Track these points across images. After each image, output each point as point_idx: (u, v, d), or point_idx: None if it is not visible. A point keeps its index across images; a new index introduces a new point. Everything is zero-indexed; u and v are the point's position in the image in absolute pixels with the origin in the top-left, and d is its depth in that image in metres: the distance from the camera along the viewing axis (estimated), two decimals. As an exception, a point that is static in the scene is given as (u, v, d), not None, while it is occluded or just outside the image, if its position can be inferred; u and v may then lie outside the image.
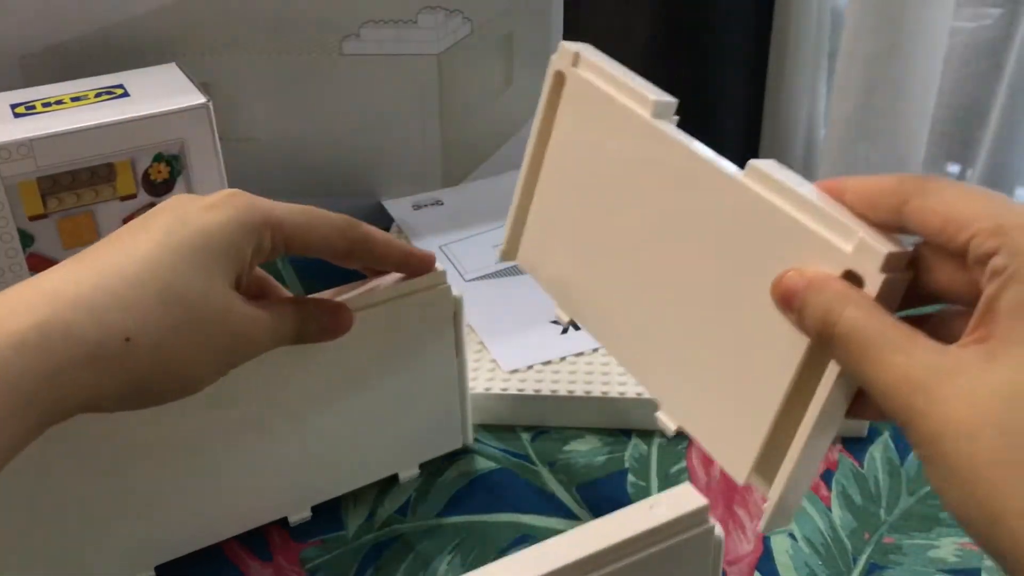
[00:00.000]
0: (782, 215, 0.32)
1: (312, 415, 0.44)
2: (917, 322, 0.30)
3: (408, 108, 0.69)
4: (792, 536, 0.45)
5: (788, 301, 0.32)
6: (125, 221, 0.53)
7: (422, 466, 0.49)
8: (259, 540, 0.46)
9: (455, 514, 0.47)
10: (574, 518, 0.47)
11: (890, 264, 0.29)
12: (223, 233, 0.35)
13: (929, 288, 0.31)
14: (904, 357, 0.28)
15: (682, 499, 0.33)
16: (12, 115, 0.50)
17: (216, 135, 0.53)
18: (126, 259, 0.33)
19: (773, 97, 1.39)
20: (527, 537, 0.46)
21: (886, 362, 0.28)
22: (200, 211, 0.35)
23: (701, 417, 0.37)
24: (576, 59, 0.42)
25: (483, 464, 0.50)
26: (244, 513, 0.45)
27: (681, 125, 0.39)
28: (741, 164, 0.35)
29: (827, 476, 0.49)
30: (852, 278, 0.30)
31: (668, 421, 0.38)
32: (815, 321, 0.31)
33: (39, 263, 0.51)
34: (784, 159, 1.44)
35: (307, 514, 0.47)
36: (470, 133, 0.72)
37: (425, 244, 0.67)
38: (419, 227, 0.68)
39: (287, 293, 0.41)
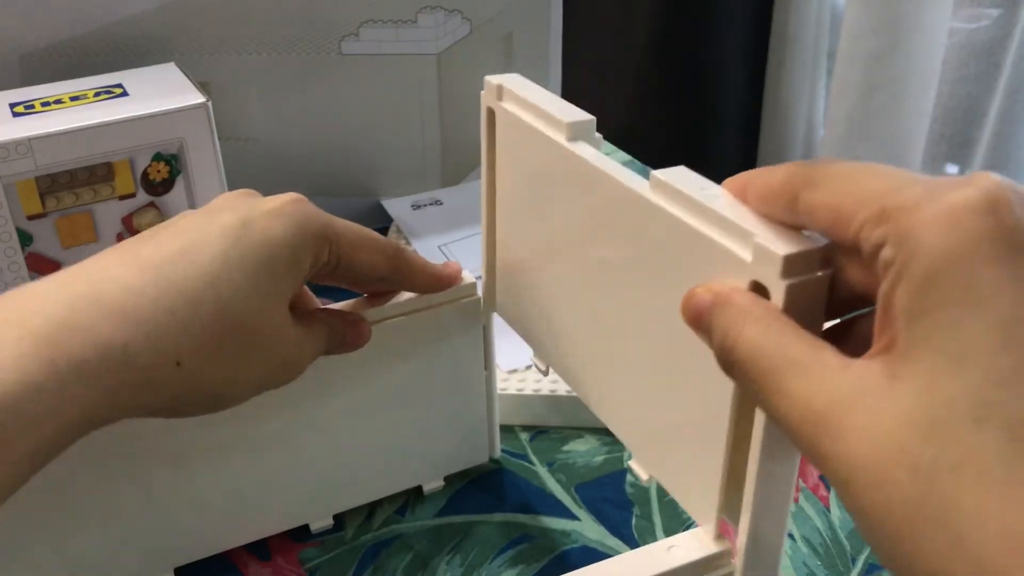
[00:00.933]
0: (686, 228, 0.29)
1: (337, 424, 0.44)
2: (848, 328, 0.26)
3: (407, 108, 0.69)
4: (791, 536, 0.45)
5: (698, 322, 0.27)
6: (124, 221, 0.53)
7: (447, 479, 0.48)
8: (259, 539, 0.46)
9: (454, 514, 0.47)
10: (573, 518, 0.47)
11: (792, 268, 0.25)
12: (288, 246, 0.34)
13: (848, 289, 0.26)
14: (805, 383, 0.23)
15: (702, 542, 0.31)
16: (11, 114, 0.50)
17: (215, 135, 0.53)
18: (187, 270, 0.32)
19: (772, 97, 1.39)
20: (526, 537, 0.46)
21: (786, 390, 0.24)
22: (264, 217, 0.34)
23: (665, 462, 0.34)
24: (500, 92, 0.41)
25: (482, 464, 0.50)
26: (265, 519, 0.45)
27: (680, 125, 0.39)
28: (741, 166, 0.34)
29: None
30: (759, 289, 0.27)
31: (639, 470, 0.36)
32: (715, 346, 0.26)
33: (37, 262, 0.51)
34: (782, 159, 1.44)
35: (329, 522, 0.46)
36: (469, 133, 0.72)
37: (424, 244, 0.67)
38: (418, 227, 0.68)
39: (315, 300, 0.40)
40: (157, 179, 0.53)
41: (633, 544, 0.45)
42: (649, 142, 1.16)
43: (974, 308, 0.20)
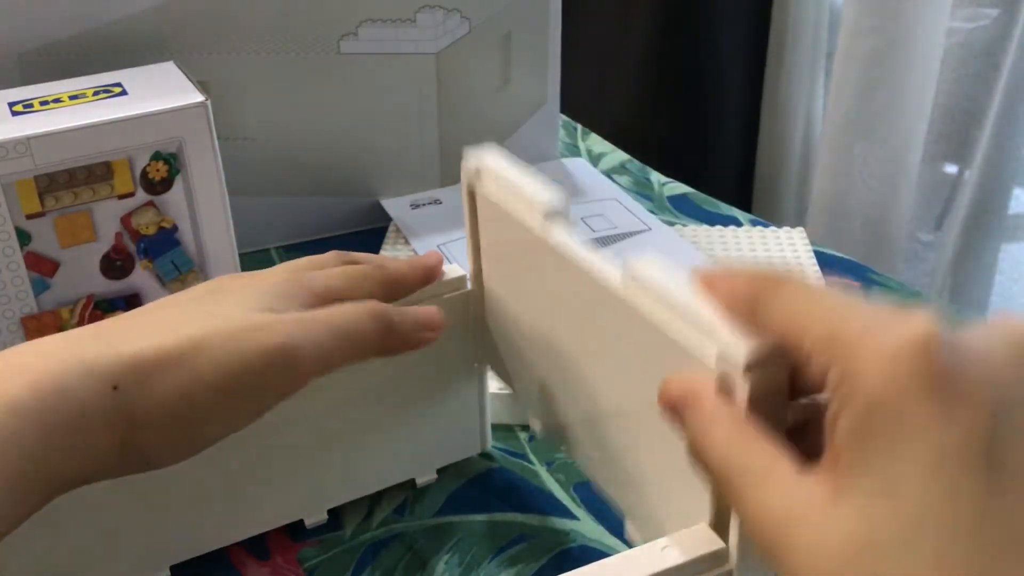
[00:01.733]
0: (656, 324, 0.31)
1: (329, 418, 0.44)
2: (808, 425, 0.28)
3: (406, 107, 0.69)
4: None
5: (672, 415, 0.29)
6: (123, 220, 0.53)
7: (440, 471, 0.49)
8: (257, 539, 0.45)
9: (452, 513, 0.47)
10: (572, 518, 0.47)
11: (754, 364, 0.27)
12: (251, 369, 0.33)
13: (803, 382, 0.27)
14: (763, 494, 0.25)
15: (697, 541, 0.31)
16: (10, 113, 0.50)
17: (214, 134, 0.53)
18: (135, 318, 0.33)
19: (771, 97, 1.39)
20: (525, 537, 0.46)
21: (747, 499, 0.26)
22: (247, 333, 0.33)
23: (656, 530, 0.34)
24: (478, 173, 0.41)
25: (481, 464, 0.50)
26: (260, 515, 0.45)
27: (680, 125, 0.39)
28: (740, 166, 0.34)
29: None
30: (725, 386, 0.28)
31: (635, 536, 0.37)
32: (687, 441, 0.28)
33: (36, 261, 0.51)
34: (781, 159, 1.44)
35: (323, 517, 0.46)
36: (468, 132, 0.72)
37: (423, 243, 0.67)
38: (417, 226, 0.68)
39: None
40: (156, 178, 0.53)
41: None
42: (649, 142, 1.16)
43: (906, 442, 0.22)
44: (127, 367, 0.30)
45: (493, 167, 0.41)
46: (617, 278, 0.33)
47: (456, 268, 0.44)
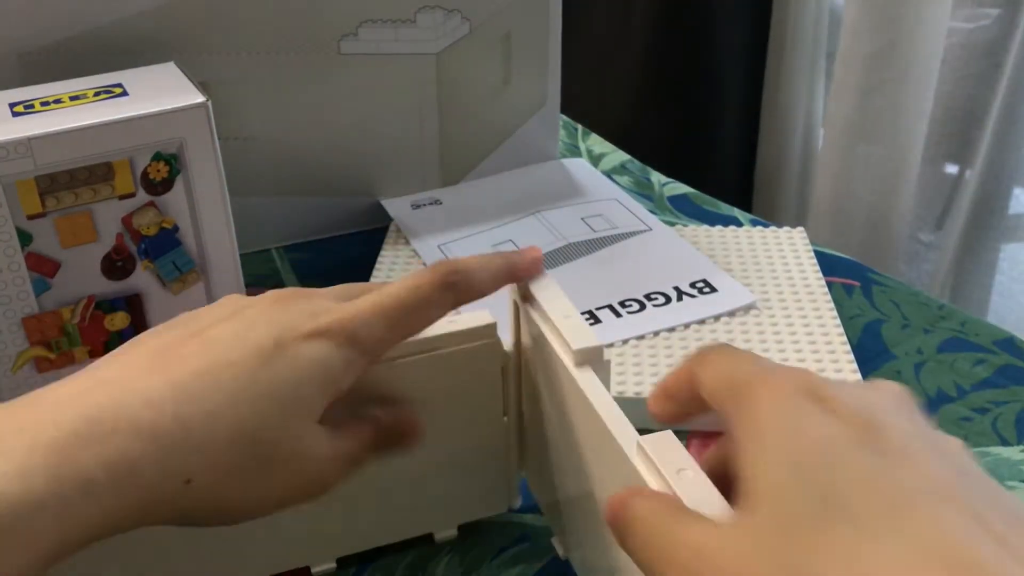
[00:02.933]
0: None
1: None
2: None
3: (406, 107, 0.69)
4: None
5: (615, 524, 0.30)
6: (124, 220, 0.53)
7: (461, 528, 0.46)
8: None
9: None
10: (572, 517, 0.47)
11: None
12: (324, 374, 0.33)
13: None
14: (682, 530, 0.28)
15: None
16: (11, 114, 0.50)
17: (215, 134, 0.53)
18: (210, 388, 0.31)
19: (771, 97, 1.39)
20: (526, 537, 0.46)
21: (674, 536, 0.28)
22: (301, 341, 0.33)
23: None
24: (526, 293, 0.40)
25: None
26: (267, 560, 0.43)
27: (680, 125, 0.38)
28: (740, 166, 0.34)
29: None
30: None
31: None
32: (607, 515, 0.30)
33: (37, 262, 0.51)
34: (782, 159, 1.44)
35: (332, 565, 0.44)
36: (468, 132, 0.72)
37: (423, 244, 0.67)
38: (417, 227, 0.68)
39: (366, 421, 0.37)
40: (157, 179, 0.53)
41: None
42: (649, 142, 1.16)
43: (802, 437, 0.27)
44: (203, 466, 0.30)
45: (542, 290, 0.40)
46: (632, 445, 0.32)
47: (486, 315, 0.42)
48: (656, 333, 0.57)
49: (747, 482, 0.27)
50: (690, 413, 0.33)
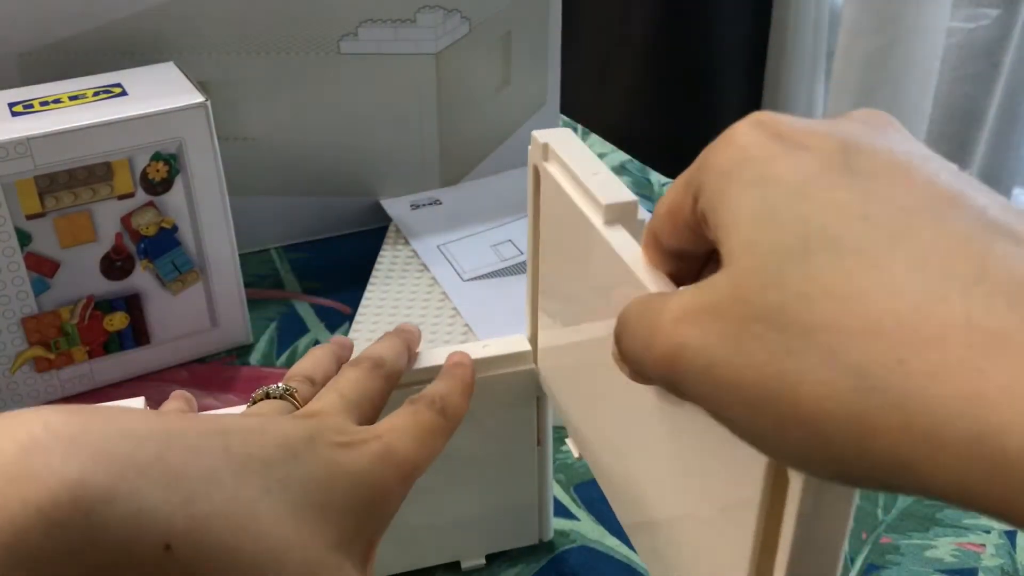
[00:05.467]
0: None
1: None
2: None
3: (406, 107, 0.69)
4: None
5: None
6: (123, 220, 0.53)
7: (488, 557, 0.45)
8: None
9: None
10: (572, 518, 0.47)
11: None
12: (355, 491, 0.28)
13: None
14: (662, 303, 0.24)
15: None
16: (10, 114, 0.50)
17: (214, 134, 0.53)
18: (217, 447, 0.26)
19: (771, 97, 1.39)
20: (525, 537, 0.46)
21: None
22: (334, 448, 0.28)
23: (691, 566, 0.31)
24: (546, 152, 0.37)
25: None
26: None
27: (680, 125, 0.38)
28: None
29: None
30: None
31: None
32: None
33: (36, 262, 0.51)
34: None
35: None
36: (468, 132, 0.72)
37: (423, 244, 0.67)
38: (417, 227, 0.68)
39: None
40: (156, 179, 0.53)
41: (632, 544, 0.45)
42: (648, 141, 1.16)
43: (770, 183, 0.23)
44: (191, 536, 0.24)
45: (563, 146, 0.36)
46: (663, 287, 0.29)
47: (521, 340, 0.41)
48: (656, 333, 0.56)
49: (722, 250, 0.23)
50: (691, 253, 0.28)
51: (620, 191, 0.33)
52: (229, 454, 0.26)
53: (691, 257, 0.28)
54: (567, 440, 0.41)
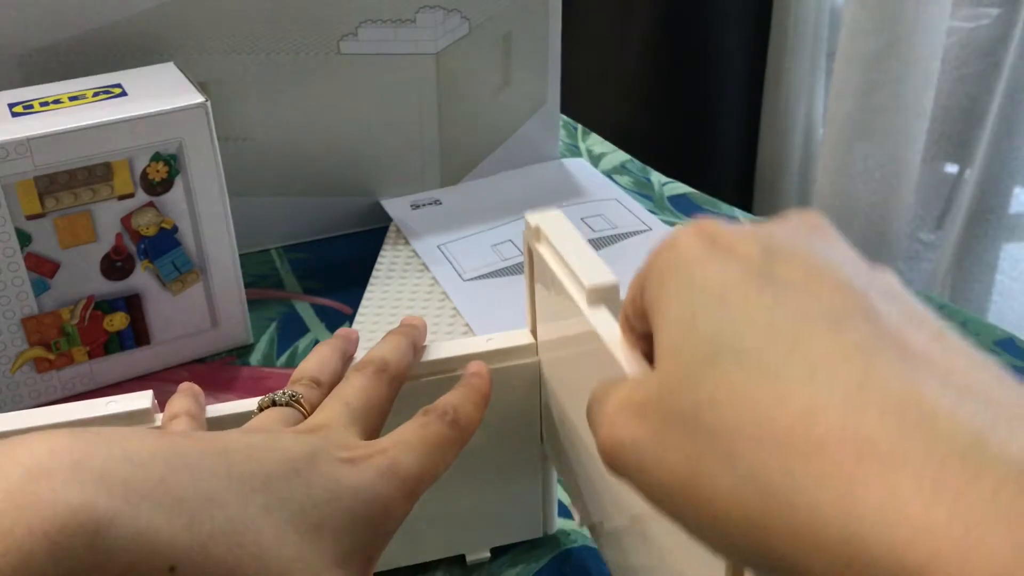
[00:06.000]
0: None
1: None
2: None
3: (406, 107, 0.69)
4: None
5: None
6: (123, 221, 0.53)
7: (493, 551, 0.45)
8: None
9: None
10: (572, 518, 0.47)
11: None
12: (368, 509, 0.28)
13: None
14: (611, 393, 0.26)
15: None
16: (10, 114, 0.50)
17: (214, 134, 0.53)
18: (219, 467, 0.26)
19: (772, 97, 1.39)
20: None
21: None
22: (337, 464, 0.29)
23: None
24: (538, 234, 0.38)
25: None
26: None
27: (680, 125, 0.38)
28: (740, 166, 0.33)
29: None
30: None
31: None
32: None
33: (36, 262, 0.51)
34: (782, 159, 1.44)
35: None
36: (468, 132, 0.72)
37: (424, 244, 0.67)
38: (417, 227, 0.68)
39: None
40: (156, 179, 0.53)
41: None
42: (649, 141, 1.16)
43: (696, 286, 0.24)
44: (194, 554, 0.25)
45: (553, 229, 0.38)
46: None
47: (525, 334, 0.41)
48: (656, 333, 0.56)
49: (655, 349, 0.25)
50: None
51: (603, 274, 0.35)
52: (231, 473, 0.26)
53: None
54: (570, 507, 0.42)
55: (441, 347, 0.40)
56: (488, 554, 0.45)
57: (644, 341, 0.30)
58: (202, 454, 0.26)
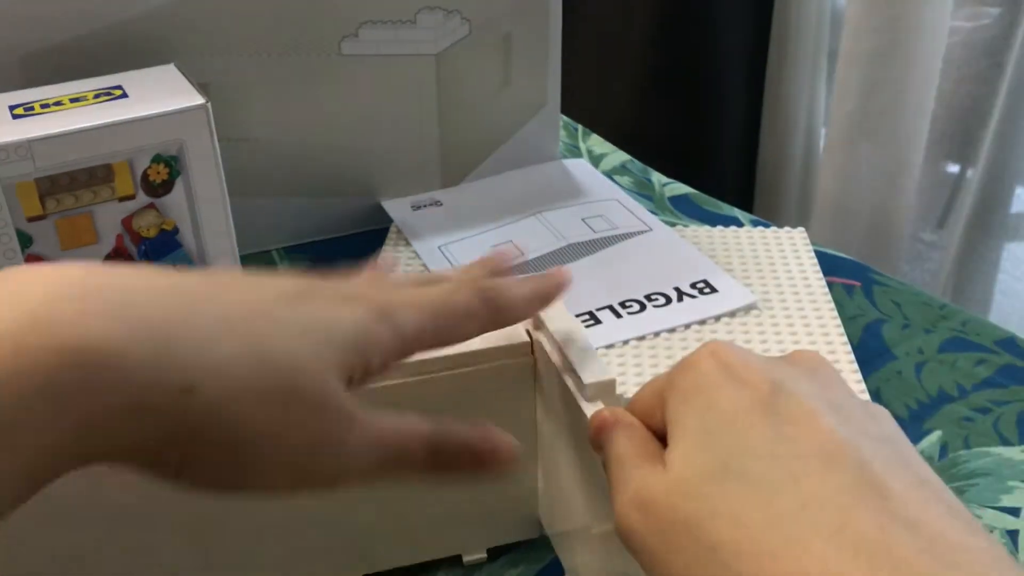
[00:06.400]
0: None
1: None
2: None
3: (407, 108, 0.69)
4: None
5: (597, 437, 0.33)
6: (124, 223, 0.53)
7: (490, 551, 0.45)
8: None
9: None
10: (573, 519, 0.47)
11: None
12: (355, 334, 0.29)
13: None
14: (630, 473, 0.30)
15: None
16: (11, 116, 0.50)
17: (215, 136, 0.53)
18: (222, 293, 0.27)
19: (773, 97, 1.39)
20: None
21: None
22: (330, 300, 0.30)
23: None
24: (538, 322, 0.39)
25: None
26: (290, 574, 0.42)
27: (680, 125, 0.38)
28: (741, 166, 0.34)
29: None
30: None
31: None
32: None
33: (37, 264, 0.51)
34: (783, 159, 1.44)
35: None
36: (469, 133, 0.72)
37: (424, 245, 0.67)
38: (418, 227, 0.68)
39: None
40: (157, 181, 0.53)
41: None
42: (650, 142, 1.16)
43: (711, 408, 0.29)
44: (212, 371, 0.25)
45: (554, 319, 0.39)
46: None
47: (520, 331, 0.40)
48: (656, 334, 0.57)
49: (668, 455, 0.29)
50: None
51: (602, 370, 0.36)
52: (243, 298, 0.28)
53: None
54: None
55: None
56: (484, 555, 0.45)
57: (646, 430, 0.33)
58: (211, 284, 0.28)
